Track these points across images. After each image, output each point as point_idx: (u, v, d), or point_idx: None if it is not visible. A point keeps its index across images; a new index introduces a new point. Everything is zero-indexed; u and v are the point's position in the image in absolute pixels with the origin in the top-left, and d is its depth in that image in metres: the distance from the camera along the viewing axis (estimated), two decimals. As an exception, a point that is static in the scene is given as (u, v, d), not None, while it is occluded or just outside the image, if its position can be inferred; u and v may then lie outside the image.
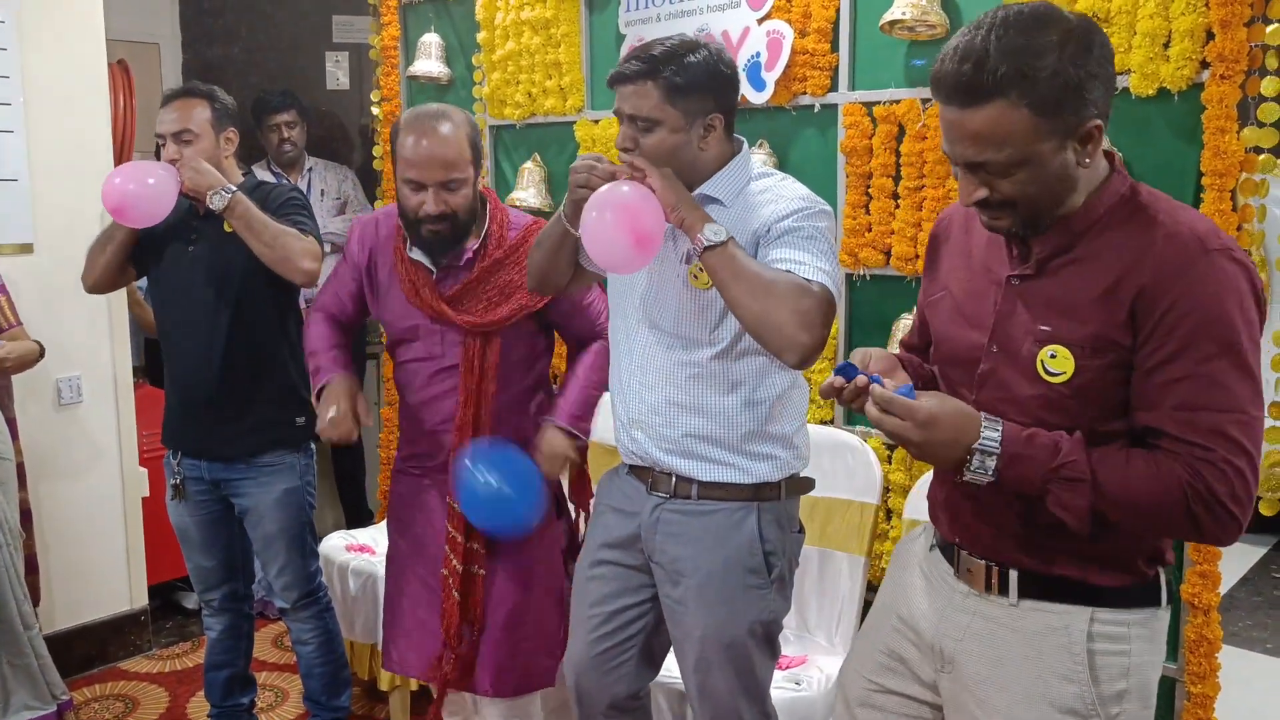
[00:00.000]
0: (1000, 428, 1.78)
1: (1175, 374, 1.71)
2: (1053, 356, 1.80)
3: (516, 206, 4.13)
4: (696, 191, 2.42)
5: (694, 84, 2.36)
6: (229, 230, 3.14)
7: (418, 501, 3.12)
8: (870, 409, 1.83)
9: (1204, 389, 1.69)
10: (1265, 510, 2.77)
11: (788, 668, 3.07)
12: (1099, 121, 1.73)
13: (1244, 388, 1.71)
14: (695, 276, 2.43)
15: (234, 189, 3.10)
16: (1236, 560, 5.42)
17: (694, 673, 2.56)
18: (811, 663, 3.11)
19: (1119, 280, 1.75)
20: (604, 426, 2.98)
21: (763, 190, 2.45)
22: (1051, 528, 1.83)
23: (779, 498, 2.53)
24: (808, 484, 2.62)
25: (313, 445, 3.48)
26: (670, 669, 2.75)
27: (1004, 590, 1.93)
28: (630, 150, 2.41)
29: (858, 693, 2.16)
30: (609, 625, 2.66)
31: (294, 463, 3.38)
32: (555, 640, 3.00)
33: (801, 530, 2.65)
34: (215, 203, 3.07)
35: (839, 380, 1.87)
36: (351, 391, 2.98)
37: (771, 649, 2.59)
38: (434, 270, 2.93)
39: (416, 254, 2.92)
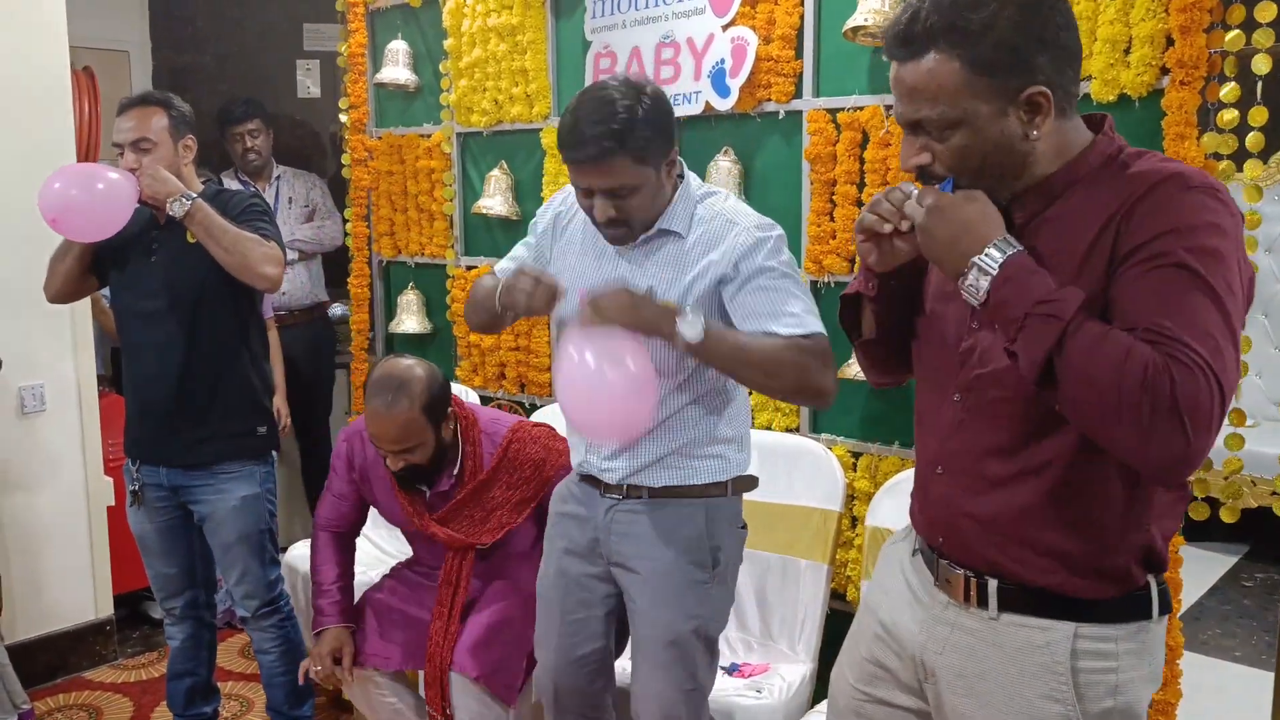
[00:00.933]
0: (1009, 251, 1.67)
1: (1139, 293, 1.62)
2: None
3: (483, 214, 4.12)
4: (656, 228, 2.46)
5: (656, 136, 2.37)
6: (191, 240, 3.11)
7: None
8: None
9: (1170, 306, 1.58)
10: (1226, 517, 2.77)
11: (750, 675, 3.06)
12: (1044, 89, 1.68)
13: (1212, 316, 1.58)
14: None
15: (194, 195, 3.07)
16: (1206, 569, 5.43)
17: (640, 670, 2.60)
18: (774, 670, 3.10)
19: (1098, 227, 1.68)
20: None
21: (713, 216, 2.49)
22: (1030, 517, 1.79)
23: (726, 495, 2.60)
24: (752, 482, 2.68)
25: (274, 454, 3.46)
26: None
27: (983, 602, 1.86)
28: (615, 221, 2.42)
29: (846, 701, 2.11)
30: (581, 633, 2.69)
31: (254, 470, 3.35)
32: (525, 652, 3.00)
33: (744, 527, 2.69)
34: (175, 210, 3.04)
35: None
36: (340, 648, 3.15)
37: (712, 652, 2.63)
38: (427, 492, 3.13)
39: None
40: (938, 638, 1.92)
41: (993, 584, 1.85)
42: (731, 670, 3.12)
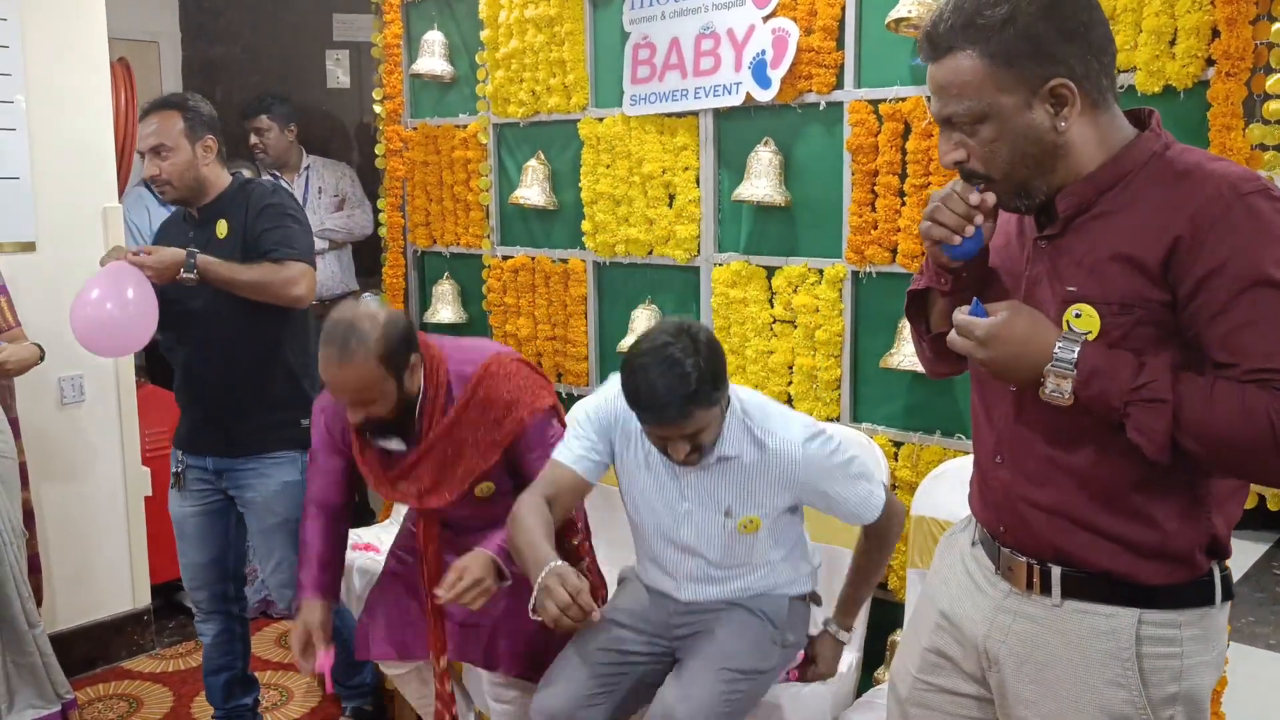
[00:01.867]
0: (1078, 348, 1.70)
1: (1231, 324, 1.64)
2: (1077, 316, 1.74)
3: (520, 204, 4.13)
4: (716, 455, 2.65)
5: (717, 381, 2.53)
6: (222, 235, 3.16)
7: None
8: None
9: (1269, 333, 1.61)
10: (1273, 505, 2.77)
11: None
12: (1066, 80, 1.71)
13: None
14: (744, 528, 2.71)
15: (195, 256, 3.10)
16: (1238, 556, 5.32)
17: (690, 674, 2.64)
18: (818, 660, 3.11)
19: (1148, 232, 1.69)
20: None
21: (762, 436, 2.67)
22: (1092, 504, 1.80)
23: (805, 602, 2.89)
24: (816, 598, 2.95)
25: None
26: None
27: (1046, 589, 1.87)
28: (690, 457, 2.57)
29: (908, 692, 2.11)
30: (605, 687, 2.73)
31: (296, 458, 3.39)
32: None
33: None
34: (186, 281, 3.10)
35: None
36: (314, 625, 3.02)
37: (749, 701, 2.73)
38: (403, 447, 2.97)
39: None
40: (1000, 626, 1.93)
41: (1056, 571, 1.86)
42: (776, 659, 3.13)
